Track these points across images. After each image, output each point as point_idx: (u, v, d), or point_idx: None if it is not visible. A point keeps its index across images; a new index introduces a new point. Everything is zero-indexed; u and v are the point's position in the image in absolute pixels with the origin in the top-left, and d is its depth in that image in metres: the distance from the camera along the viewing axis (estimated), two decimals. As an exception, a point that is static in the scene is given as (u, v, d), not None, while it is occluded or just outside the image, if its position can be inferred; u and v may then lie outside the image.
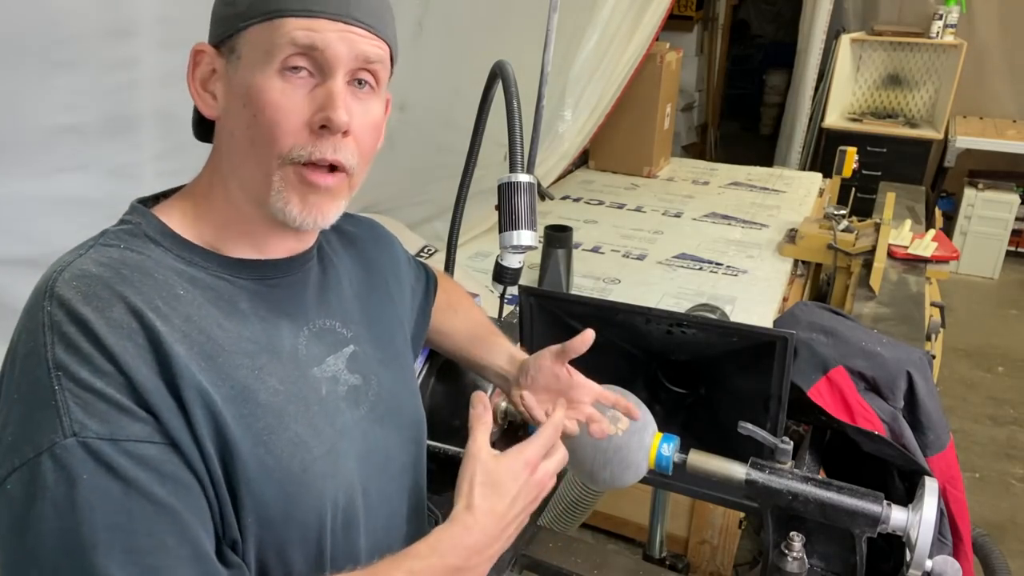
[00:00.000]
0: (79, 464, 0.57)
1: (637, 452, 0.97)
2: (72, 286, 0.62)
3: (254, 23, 0.68)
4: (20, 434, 0.58)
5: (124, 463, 0.58)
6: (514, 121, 1.08)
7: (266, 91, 0.67)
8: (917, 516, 0.87)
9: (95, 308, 0.61)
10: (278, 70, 0.68)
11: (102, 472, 0.57)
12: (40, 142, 1.28)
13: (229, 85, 0.70)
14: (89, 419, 0.57)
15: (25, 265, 1.21)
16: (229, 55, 0.70)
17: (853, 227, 2.82)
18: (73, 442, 0.57)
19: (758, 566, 1.12)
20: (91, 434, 0.57)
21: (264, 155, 0.69)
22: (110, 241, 0.68)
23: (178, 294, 0.66)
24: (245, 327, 0.70)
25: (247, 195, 0.72)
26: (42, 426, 0.57)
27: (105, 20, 1.25)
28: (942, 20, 4.53)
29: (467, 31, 2.33)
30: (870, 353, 1.12)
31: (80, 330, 0.60)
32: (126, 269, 0.65)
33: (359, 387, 0.80)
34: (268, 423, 0.67)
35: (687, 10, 5.66)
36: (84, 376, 0.58)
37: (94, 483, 0.57)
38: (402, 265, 1.00)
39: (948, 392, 3.27)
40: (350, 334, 0.82)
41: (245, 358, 0.68)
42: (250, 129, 0.69)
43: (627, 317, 1.11)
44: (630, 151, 4.11)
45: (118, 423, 0.58)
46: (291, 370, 0.73)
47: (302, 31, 0.67)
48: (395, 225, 2.55)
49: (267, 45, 0.67)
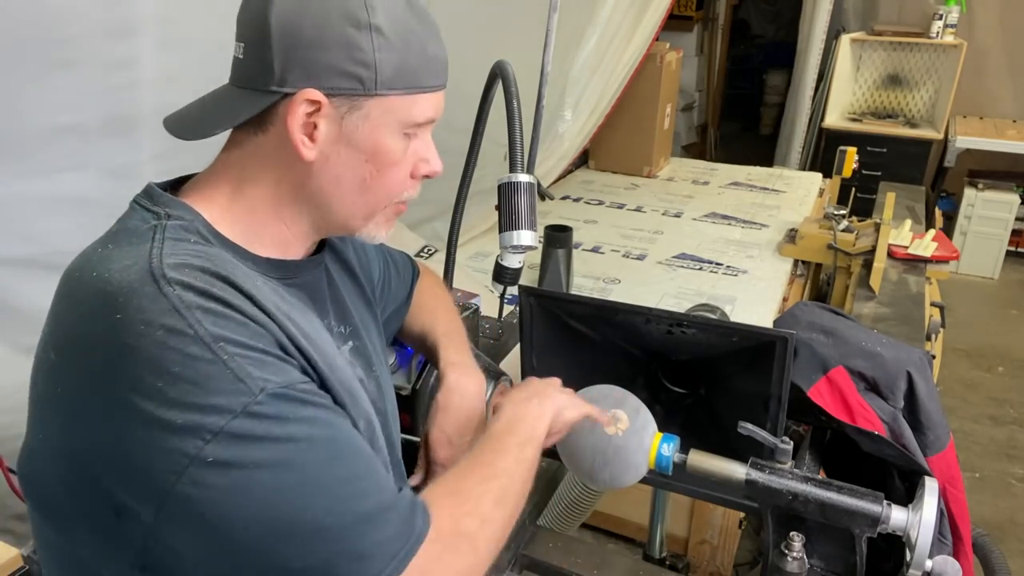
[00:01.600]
0: (282, 409, 0.61)
1: (637, 452, 0.97)
2: (186, 272, 0.63)
3: (396, 93, 0.71)
4: (196, 410, 0.58)
5: (312, 398, 0.64)
6: (514, 121, 1.08)
7: (395, 152, 0.74)
8: (917, 516, 0.87)
9: (220, 288, 0.64)
10: (404, 133, 0.74)
11: (302, 407, 0.62)
12: (40, 142, 1.28)
13: (346, 137, 0.72)
14: (267, 374, 0.61)
15: (25, 265, 1.21)
16: (351, 111, 0.71)
17: (853, 227, 2.82)
18: (265, 396, 0.60)
19: (758, 566, 1.12)
20: (275, 385, 0.61)
21: (376, 201, 0.77)
22: (178, 235, 0.68)
23: (258, 283, 0.69)
24: (301, 315, 0.73)
25: (328, 220, 0.77)
26: (223, 393, 0.59)
27: (105, 20, 1.25)
28: (942, 20, 4.52)
29: (467, 31, 2.33)
30: (870, 353, 1.12)
31: (219, 303, 0.63)
32: (216, 260, 0.67)
33: (364, 380, 0.85)
34: (348, 397, 0.72)
35: (687, 10, 5.66)
36: (246, 340, 0.62)
37: (302, 416, 0.62)
38: (374, 262, 1.02)
39: (948, 392, 3.27)
40: (348, 330, 0.87)
41: (316, 340, 0.71)
42: (369, 180, 0.75)
43: (627, 317, 1.11)
44: (630, 151, 4.11)
45: (288, 373, 0.64)
46: (340, 355, 0.77)
47: (434, 109, 0.75)
48: (395, 225, 2.54)
49: (404, 116, 0.73)
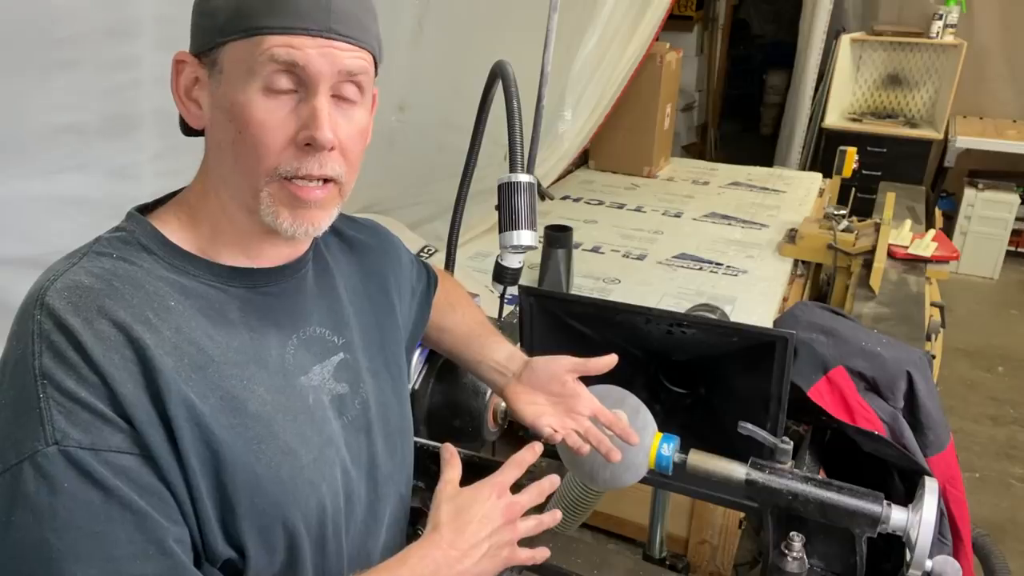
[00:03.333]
0: (60, 472, 0.57)
1: (637, 452, 0.97)
2: (63, 296, 0.62)
3: (234, 39, 0.67)
4: (3, 440, 0.58)
5: (104, 473, 0.58)
6: (514, 121, 1.08)
7: (250, 109, 0.67)
8: (917, 516, 0.87)
9: (84, 319, 0.61)
10: (261, 88, 0.67)
11: (82, 481, 0.58)
12: (40, 142, 1.28)
13: (213, 98, 0.70)
14: (72, 428, 0.58)
15: (25, 265, 1.21)
16: (211, 68, 0.69)
17: (853, 227, 2.82)
18: (55, 450, 0.57)
19: (758, 566, 1.12)
20: (73, 443, 0.58)
21: (251, 170, 0.69)
22: (103, 249, 0.68)
23: (169, 305, 0.66)
24: (233, 338, 0.70)
25: (238, 204, 0.72)
26: (26, 433, 0.58)
27: (105, 20, 1.25)
28: (942, 20, 4.52)
29: (467, 31, 2.33)
30: (870, 353, 1.12)
31: (68, 340, 0.60)
32: (117, 281, 0.65)
33: (345, 396, 0.81)
34: (258, 432, 0.68)
35: (687, 10, 5.66)
36: (69, 386, 0.59)
37: (74, 491, 0.57)
38: (405, 269, 1.00)
39: (948, 392, 3.26)
40: (341, 341, 0.82)
41: (234, 368, 0.68)
42: (236, 144, 0.68)
43: (627, 317, 1.11)
44: (630, 151, 4.11)
45: (99, 433, 0.59)
46: (278, 380, 0.73)
47: (282, 48, 0.66)
48: (395, 225, 2.54)
49: (249, 62, 0.66)
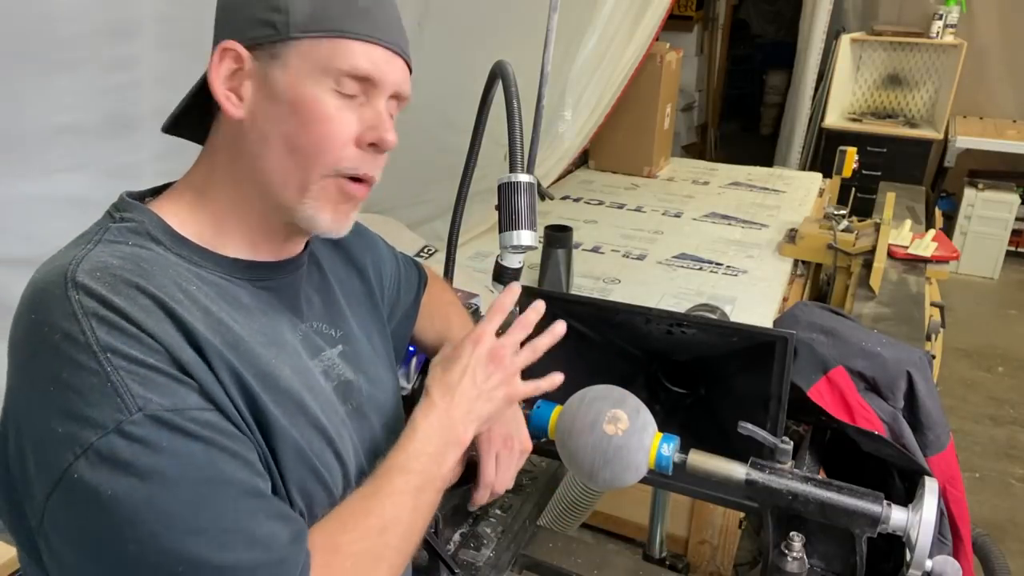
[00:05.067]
0: (155, 435, 0.57)
1: (637, 452, 0.97)
2: (96, 277, 0.61)
3: (313, 36, 0.68)
4: (74, 421, 0.57)
5: (195, 427, 0.59)
6: (514, 121, 1.08)
7: (321, 105, 0.69)
8: (917, 516, 0.87)
9: (126, 296, 0.61)
10: (332, 87, 0.69)
11: (180, 437, 0.58)
12: (40, 142, 1.28)
13: (268, 89, 0.70)
14: (151, 393, 0.58)
15: (25, 265, 1.20)
16: (269, 60, 0.69)
17: (853, 227, 2.82)
18: (141, 416, 0.57)
19: (758, 566, 1.12)
20: (156, 406, 0.58)
21: (307, 164, 0.70)
22: (116, 238, 0.68)
23: (192, 289, 0.67)
24: (253, 320, 0.71)
25: (268, 197, 0.72)
26: (101, 409, 0.57)
27: (105, 20, 1.25)
28: (942, 20, 4.53)
29: (467, 31, 2.33)
30: (870, 353, 1.12)
31: (118, 314, 0.60)
32: (144, 263, 0.65)
33: (350, 382, 0.82)
34: (291, 407, 0.69)
35: (687, 10, 5.66)
36: (136, 354, 0.59)
37: (175, 448, 0.58)
38: (387, 264, 1.01)
39: (948, 392, 3.26)
40: (339, 334, 0.84)
41: (261, 348, 0.69)
42: (295, 137, 0.69)
43: (627, 317, 1.11)
44: (630, 151, 4.11)
45: (177, 394, 0.60)
46: (296, 360, 0.74)
47: (365, 59, 0.70)
48: (395, 225, 2.54)
49: (325, 62, 0.69)
